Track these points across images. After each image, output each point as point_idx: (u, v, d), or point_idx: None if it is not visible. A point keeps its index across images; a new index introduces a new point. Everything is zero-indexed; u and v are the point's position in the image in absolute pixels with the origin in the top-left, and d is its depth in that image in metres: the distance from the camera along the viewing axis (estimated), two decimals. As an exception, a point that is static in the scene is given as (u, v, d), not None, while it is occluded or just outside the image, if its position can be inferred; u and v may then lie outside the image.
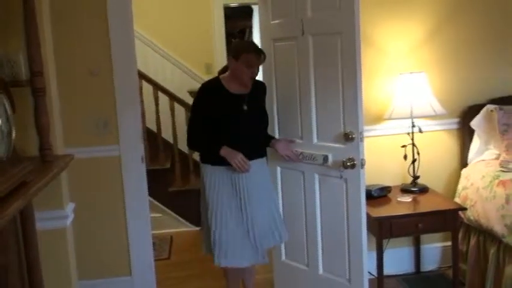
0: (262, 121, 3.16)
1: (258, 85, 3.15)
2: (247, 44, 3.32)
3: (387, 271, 3.46)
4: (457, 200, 3.67)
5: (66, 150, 3.13)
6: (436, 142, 3.81)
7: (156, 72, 5.89)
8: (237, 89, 3.01)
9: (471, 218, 3.51)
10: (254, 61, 2.94)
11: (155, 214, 4.93)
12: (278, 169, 3.43)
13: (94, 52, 3.29)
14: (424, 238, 3.88)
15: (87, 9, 3.25)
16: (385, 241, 3.44)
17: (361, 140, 2.93)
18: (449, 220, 3.35)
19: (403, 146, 3.58)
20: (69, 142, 3.21)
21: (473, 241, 3.56)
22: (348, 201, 3.03)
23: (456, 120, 3.82)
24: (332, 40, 2.97)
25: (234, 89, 3.01)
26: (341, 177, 3.02)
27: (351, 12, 2.83)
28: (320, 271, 3.28)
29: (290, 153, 3.19)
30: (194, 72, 6.26)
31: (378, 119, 3.68)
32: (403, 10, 3.65)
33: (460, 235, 3.62)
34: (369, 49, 3.52)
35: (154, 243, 3.84)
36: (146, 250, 3.53)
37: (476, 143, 3.76)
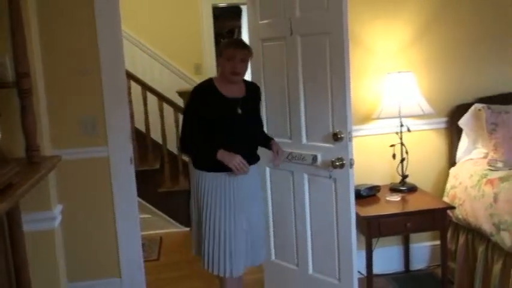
0: (257, 124, 3.12)
1: (252, 88, 3.11)
2: (228, 40, 3.27)
3: (376, 270, 3.48)
4: (446, 199, 3.68)
5: (53, 151, 3.12)
6: (425, 141, 3.83)
7: (144, 72, 5.87)
8: (231, 93, 2.93)
9: (460, 217, 3.53)
10: (232, 53, 2.87)
11: (144, 215, 4.91)
12: (267, 169, 3.42)
13: (82, 52, 3.25)
14: (413, 237, 3.89)
15: (74, 9, 3.21)
16: (375, 240, 3.44)
17: (349, 140, 2.94)
18: (437, 219, 3.37)
19: (392, 146, 3.60)
20: (57, 143, 3.20)
21: (461, 240, 3.58)
22: (337, 200, 3.04)
23: (444, 119, 3.83)
24: (320, 40, 2.97)
25: (228, 92, 2.92)
26: (330, 177, 3.03)
27: (339, 12, 2.84)
28: (310, 271, 3.28)
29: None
30: (183, 72, 6.24)
31: (367, 119, 3.69)
32: (391, 9, 3.66)
33: (449, 234, 3.64)
34: (357, 49, 3.52)
35: (143, 244, 3.81)
36: (135, 251, 3.50)
37: (464, 142, 3.77)
